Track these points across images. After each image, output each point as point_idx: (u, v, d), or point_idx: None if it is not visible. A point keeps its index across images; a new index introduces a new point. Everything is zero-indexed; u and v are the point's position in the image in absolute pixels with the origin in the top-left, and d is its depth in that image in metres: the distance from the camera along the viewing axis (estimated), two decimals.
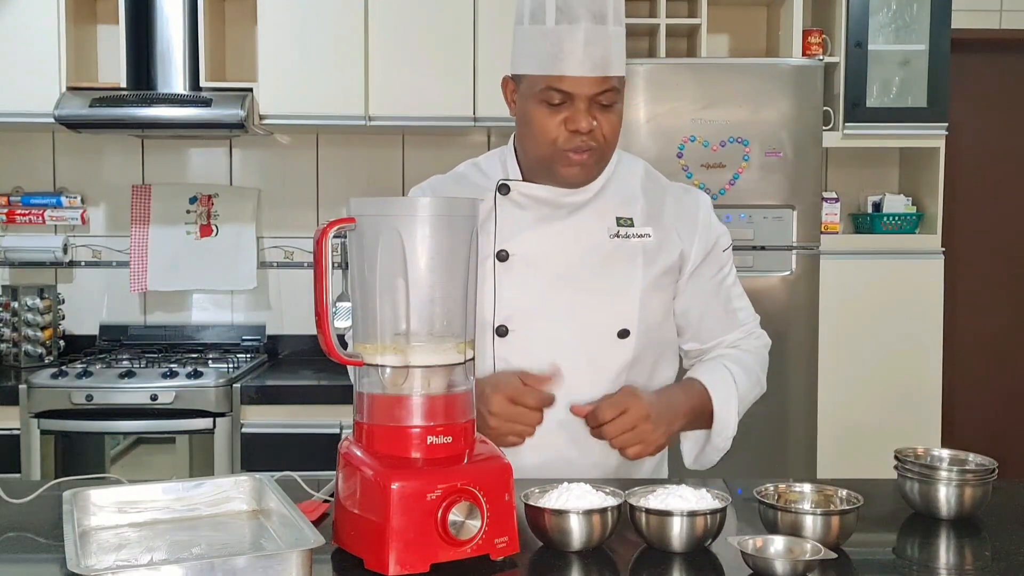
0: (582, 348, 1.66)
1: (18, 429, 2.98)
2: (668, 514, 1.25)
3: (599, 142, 1.60)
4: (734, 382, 1.71)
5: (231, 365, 3.19)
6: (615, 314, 1.66)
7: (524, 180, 1.69)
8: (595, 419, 1.57)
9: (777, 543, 1.23)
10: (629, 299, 1.67)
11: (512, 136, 1.75)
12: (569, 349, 1.66)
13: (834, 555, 1.20)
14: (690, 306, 1.75)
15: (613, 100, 1.59)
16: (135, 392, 2.97)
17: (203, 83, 3.31)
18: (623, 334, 1.67)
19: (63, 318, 3.54)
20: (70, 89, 3.23)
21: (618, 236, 1.67)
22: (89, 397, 2.96)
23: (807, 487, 1.38)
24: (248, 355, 3.38)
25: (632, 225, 1.69)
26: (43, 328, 3.40)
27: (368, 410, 1.25)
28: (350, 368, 1.34)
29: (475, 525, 1.18)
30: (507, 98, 1.70)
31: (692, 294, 1.74)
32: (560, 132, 1.58)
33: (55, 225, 3.59)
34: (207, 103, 3.19)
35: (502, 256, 1.67)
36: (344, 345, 1.33)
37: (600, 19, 1.56)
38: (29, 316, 3.37)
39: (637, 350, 1.68)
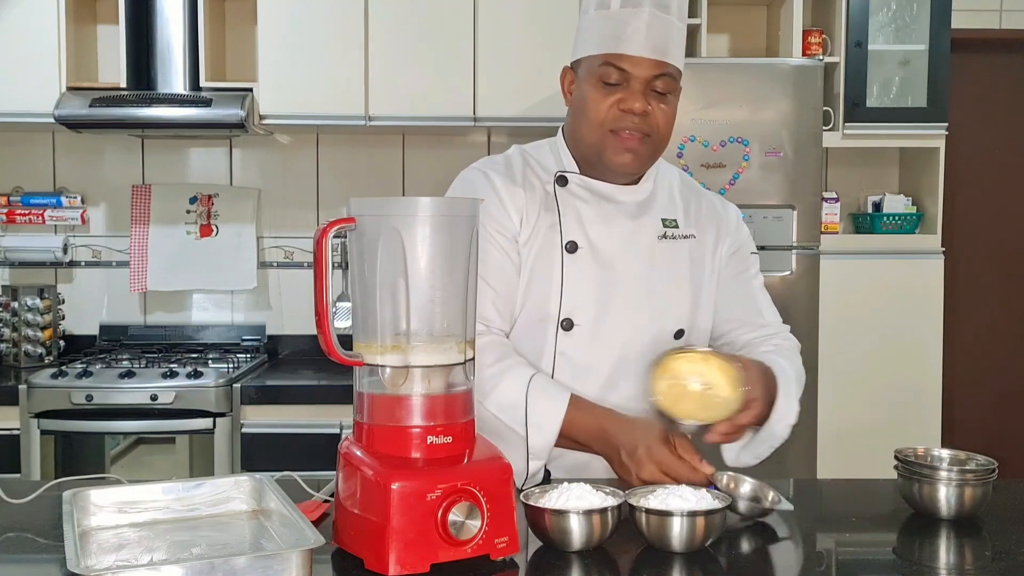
0: (642, 347, 1.65)
1: (18, 429, 2.97)
2: (668, 514, 1.25)
3: (653, 131, 1.60)
4: (790, 369, 1.67)
5: (231, 365, 3.19)
6: (671, 314, 1.68)
7: (580, 174, 1.69)
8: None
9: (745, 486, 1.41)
10: (682, 299, 1.69)
11: (560, 128, 1.74)
12: (631, 348, 1.66)
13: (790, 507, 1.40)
14: (716, 301, 1.76)
15: (669, 89, 1.60)
16: (135, 392, 2.97)
17: (203, 83, 3.31)
18: (679, 334, 1.68)
19: (63, 318, 3.54)
20: (70, 89, 3.23)
21: (665, 237, 1.69)
22: (89, 397, 2.96)
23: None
24: (248, 355, 3.38)
25: (677, 226, 1.71)
26: (43, 328, 3.40)
27: (368, 410, 1.25)
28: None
29: (475, 525, 1.18)
30: (564, 89, 1.70)
31: (719, 290, 1.75)
32: (612, 112, 1.59)
33: (55, 225, 3.59)
34: (207, 103, 3.19)
35: (571, 248, 1.66)
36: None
37: (663, 7, 1.58)
38: (29, 316, 3.37)
39: None
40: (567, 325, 1.65)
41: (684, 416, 1.46)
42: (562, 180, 1.69)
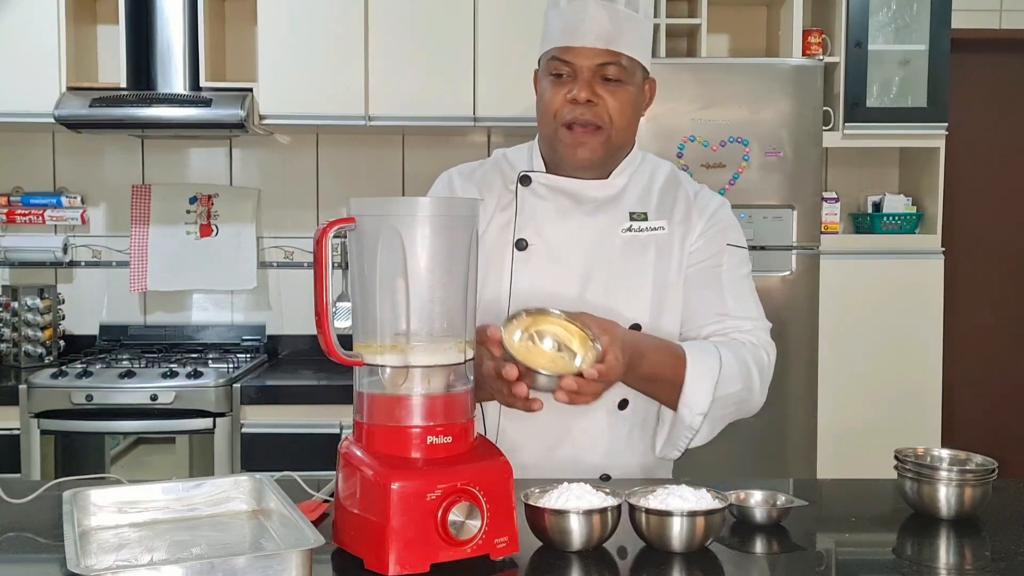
0: None
1: (18, 429, 2.97)
2: (668, 514, 1.25)
3: (603, 121, 1.60)
4: (718, 358, 1.59)
5: (231, 365, 3.19)
6: (628, 310, 1.66)
7: (547, 173, 1.69)
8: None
9: (756, 495, 1.41)
10: (641, 294, 1.67)
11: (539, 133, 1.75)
12: None
13: (804, 503, 1.39)
14: (684, 286, 1.70)
15: (620, 77, 1.60)
16: (135, 392, 2.97)
17: (203, 83, 3.31)
18: (634, 327, 1.66)
19: (63, 318, 3.54)
20: (70, 89, 3.23)
21: (630, 231, 1.68)
22: (89, 397, 2.96)
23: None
24: (248, 355, 3.38)
25: (645, 219, 1.69)
26: (43, 328, 3.40)
27: (368, 410, 1.25)
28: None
29: (475, 525, 1.18)
30: (536, 92, 1.70)
31: (685, 280, 1.70)
32: (562, 105, 1.60)
33: (55, 225, 3.59)
34: (207, 103, 3.19)
35: (521, 245, 1.67)
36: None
37: None
38: (29, 316, 3.37)
39: None
40: None
41: (536, 367, 1.39)
42: (525, 180, 1.70)
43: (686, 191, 1.75)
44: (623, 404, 1.67)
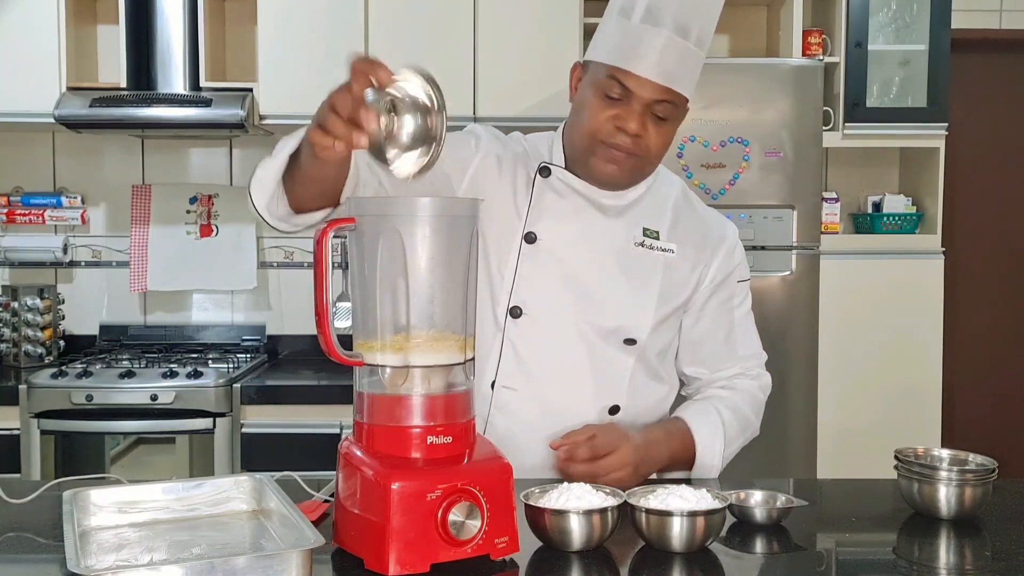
0: (587, 347, 1.66)
1: (18, 429, 2.97)
2: (668, 514, 1.25)
3: (642, 152, 1.59)
4: (722, 427, 1.70)
5: (231, 365, 3.19)
6: (626, 321, 1.66)
7: (567, 169, 1.68)
8: (588, 451, 1.54)
9: (756, 495, 1.41)
10: (643, 310, 1.67)
11: (563, 124, 1.73)
12: (576, 345, 1.66)
13: (804, 502, 1.39)
14: (694, 328, 1.75)
15: (669, 115, 1.58)
16: (135, 392, 2.97)
17: (203, 83, 3.31)
18: (629, 342, 1.67)
19: (63, 318, 3.54)
20: (70, 89, 3.23)
21: (642, 246, 1.68)
22: (89, 397, 2.96)
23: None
24: (248, 355, 3.38)
25: (658, 238, 1.69)
26: (43, 328, 3.40)
27: (368, 410, 1.25)
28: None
29: (475, 525, 1.18)
30: (571, 84, 1.68)
31: (698, 317, 1.74)
32: (607, 126, 1.57)
33: (55, 225, 3.59)
34: (207, 103, 3.19)
35: (530, 238, 1.66)
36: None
37: (683, 33, 1.55)
38: (29, 316, 3.37)
39: (639, 361, 1.69)
40: (515, 313, 1.65)
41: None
42: (545, 171, 1.68)
43: (697, 213, 1.77)
44: (614, 410, 1.68)
